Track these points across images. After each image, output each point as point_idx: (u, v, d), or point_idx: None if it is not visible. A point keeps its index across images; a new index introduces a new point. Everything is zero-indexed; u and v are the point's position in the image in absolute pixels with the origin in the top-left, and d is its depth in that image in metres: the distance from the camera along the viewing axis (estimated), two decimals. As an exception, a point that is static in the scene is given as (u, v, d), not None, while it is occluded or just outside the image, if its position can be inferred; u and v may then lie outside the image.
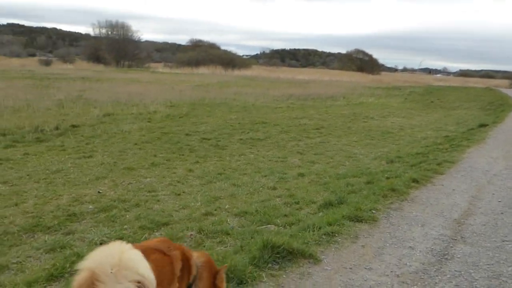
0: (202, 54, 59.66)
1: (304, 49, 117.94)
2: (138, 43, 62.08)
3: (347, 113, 18.66)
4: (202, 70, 55.46)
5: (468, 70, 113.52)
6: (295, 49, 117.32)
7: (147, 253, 1.87)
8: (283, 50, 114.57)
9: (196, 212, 5.18)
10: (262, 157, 9.24)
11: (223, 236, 4.35)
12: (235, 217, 5.02)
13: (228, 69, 57.31)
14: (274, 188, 6.53)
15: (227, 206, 5.40)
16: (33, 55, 76.31)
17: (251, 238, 4.12)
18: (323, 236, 4.30)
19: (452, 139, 12.05)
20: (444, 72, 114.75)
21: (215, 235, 4.35)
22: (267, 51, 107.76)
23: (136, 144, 9.96)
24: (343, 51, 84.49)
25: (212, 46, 69.96)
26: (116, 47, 55.81)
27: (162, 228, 4.62)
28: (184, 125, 13.40)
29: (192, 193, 6.12)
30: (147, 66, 58.75)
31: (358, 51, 76.87)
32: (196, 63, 57.40)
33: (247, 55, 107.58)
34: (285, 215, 5.04)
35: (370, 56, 76.77)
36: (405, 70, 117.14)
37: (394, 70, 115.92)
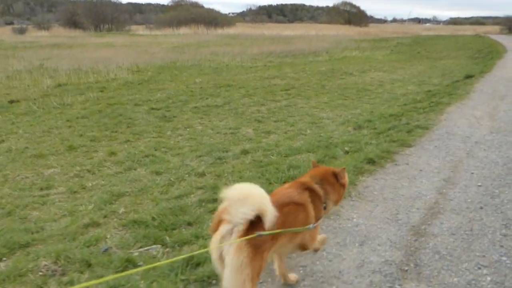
0: (184, 13, 56.81)
1: (291, 4, 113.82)
2: (117, 5, 59.09)
3: (325, 70, 17.10)
4: (184, 30, 52.93)
5: (458, 18, 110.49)
6: (282, 5, 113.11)
7: (279, 207, 2.12)
8: (270, 6, 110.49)
9: (78, 222, 3.83)
10: (211, 129, 7.84)
11: (82, 269, 2.99)
12: (123, 229, 3.67)
13: (211, 28, 54.74)
14: (203, 175, 5.16)
15: (122, 211, 4.04)
16: (11, 23, 72.77)
17: (117, 272, 2.79)
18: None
19: (434, 95, 10.66)
20: (434, 21, 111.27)
21: (72, 267, 3.01)
22: (254, 8, 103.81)
23: (68, 120, 8.51)
24: (331, 5, 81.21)
25: (195, 5, 66.80)
26: (94, 11, 52.91)
27: (12, 257, 3.28)
28: (139, 93, 11.89)
29: (93, 188, 4.76)
30: (127, 29, 56.03)
31: (345, 3, 73.71)
32: (178, 23, 54.70)
33: (233, 13, 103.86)
34: (189, 224, 3.68)
35: (357, 8, 73.59)
36: (394, 21, 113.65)
37: (383, 21, 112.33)
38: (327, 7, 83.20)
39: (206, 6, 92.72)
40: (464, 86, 11.35)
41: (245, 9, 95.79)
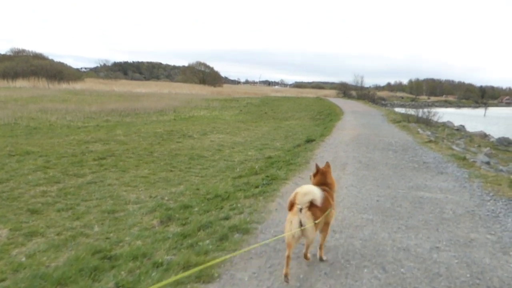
0: (22, 65, 50.50)
1: (148, 62, 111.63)
2: None
3: (162, 131, 14.95)
4: (21, 83, 46.75)
5: (302, 82, 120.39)
6: (138, 62, 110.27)
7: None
8: (126, 63, 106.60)
9: None
10: None
11: None
12: None
13: (55, 82, 49.39)
14: None
15: None
16: None
17: None
18: None
19: (273, 163, 9.16)
20: (282, 84, 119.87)
21: None
22: (108, 64, 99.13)
23: None
24: (187, 64, 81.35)
25: (38, 56, 60.47)
26: None
27: None
28: None
29: None
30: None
31: (199, 63, 74.35)
32: (14, 75, 48.24)
33: (85, 68, 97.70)
34: None
35: (211, 69, 74.84)
36: (247, 82, 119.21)
37: (237, 82, 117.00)
38: (183, 66, 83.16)
39: (56, 59, 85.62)
40: (304, 152, 10.15)
41: (98, 65, 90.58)
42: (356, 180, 7.16)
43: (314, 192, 3.38)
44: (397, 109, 36.63)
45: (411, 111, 21.97)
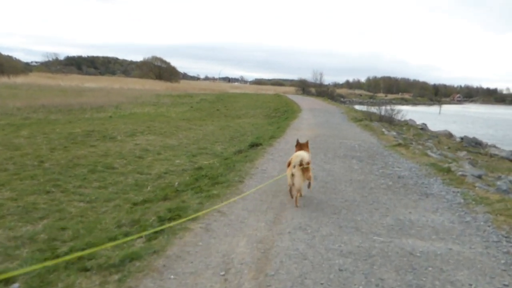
0: (-44, 56, 45.38)
1: (103, 57, 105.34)
2: None
3: (80, 132, 11.98)
4: (-47, 76, 41.84)
5: (262, 79, 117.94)
6: (93, 56, 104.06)
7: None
8: (80, 57, 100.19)
9: None
10: None
11: None
12: None
13: (-7, 75, 44.60)
14: None
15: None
16: None
17: None
18: None
19: (198, 179, 6.57)
20: (242, 80, 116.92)
21: None
22: (60, 58, 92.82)
23: None
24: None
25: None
26: None
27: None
28: None
29: None
30: None
31: (155, 59, 70.27)
32: None
33: (36, 62, 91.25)
34: None
35: (168, 64, 70.91)
36: (207, 78, 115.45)
37: (196, 78, 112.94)
38: (140, 61, 78.82)
39: (4, 52, 79.55)
40: (243, 163, 7.58)
41: (50, 59, 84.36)
42: (307, 219, 4.60)
43: (303, 155, 5.01)
44: (357, 107, 34.81)
45: (373, 109, 19.89)
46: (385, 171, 7.23)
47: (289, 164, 5.06)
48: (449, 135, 18.81)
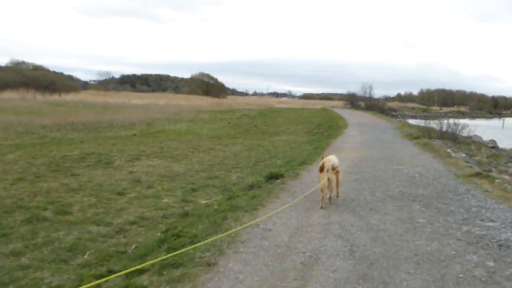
0: (13, 76, 46.32)
1: (156, 74, 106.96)
2: None
3: (74, 155, 9.89)
4: (9, 94, 42.50)
5: (310, 93, 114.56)
6: (146, 74, 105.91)
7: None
8: (134, 76, 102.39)
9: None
10: None
11: None
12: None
13: (46, 93, 45.03)
14: None
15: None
16: None
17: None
18: None
19: (174, 236, 4.06)
20: (290, 95, 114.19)
21: None
22: (117, 76, 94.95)
23: None
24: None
25: (38, 68, 56.46)
26: None
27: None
28: None
29: None
30: None
31: (203, 75, 69.43)
32: (5, 86, 44.00)
33: (94, 81, 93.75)
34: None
35: (215, 80, 69.89)
36: (255, 94, 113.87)
37: (245, 94, 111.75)
38: (189, 78, 78.52)
39: (66, 73, 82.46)
40: (241, 212, 4.96)
41: (104, 78, 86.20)
42: None
43: (334, 160, 5.37)
44: (411, 121, 31.09)
45: (432, 124, 16.54)
46: (471, 229, 4.32)
47: (321, 169, 5.41)
48: (530, 155, 15.06)
